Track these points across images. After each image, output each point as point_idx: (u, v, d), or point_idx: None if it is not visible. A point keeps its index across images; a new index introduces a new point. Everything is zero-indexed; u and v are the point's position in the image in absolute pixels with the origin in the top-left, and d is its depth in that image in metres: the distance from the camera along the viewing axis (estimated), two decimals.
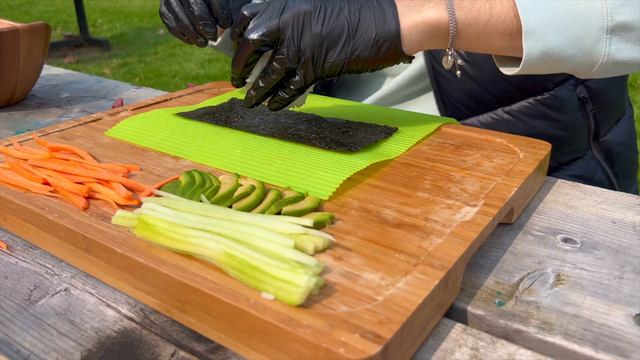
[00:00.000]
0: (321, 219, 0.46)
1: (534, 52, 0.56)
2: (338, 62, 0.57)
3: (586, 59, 0.56)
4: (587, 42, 0.55)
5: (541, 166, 0.59)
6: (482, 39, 0.59)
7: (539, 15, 0.55)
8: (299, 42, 0.56)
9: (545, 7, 0.55)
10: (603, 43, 0.55)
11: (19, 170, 0.55)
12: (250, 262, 0.38)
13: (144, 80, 3.64)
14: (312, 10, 0.56)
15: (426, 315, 0.38)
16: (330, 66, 0.57)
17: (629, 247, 0.49)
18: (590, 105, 0.79)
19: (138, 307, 0.43)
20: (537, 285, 0.44)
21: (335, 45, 0.56)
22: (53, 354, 0.38)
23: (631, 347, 0.38)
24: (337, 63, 0.57)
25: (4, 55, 0.83)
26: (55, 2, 6.66)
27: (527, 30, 0.55)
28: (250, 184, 0.51)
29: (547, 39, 0.55)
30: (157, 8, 6.42)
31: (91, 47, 4.58)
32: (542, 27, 0.55)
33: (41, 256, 0.50)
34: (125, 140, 0.65)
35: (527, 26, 0.55)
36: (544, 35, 0.55)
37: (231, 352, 0.38)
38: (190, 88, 0.89)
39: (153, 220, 0.43)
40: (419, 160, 0.59)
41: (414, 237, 0.44)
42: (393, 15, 0.57)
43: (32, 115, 0.87)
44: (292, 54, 0.56)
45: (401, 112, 0.74)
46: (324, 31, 0.56)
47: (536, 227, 0.53)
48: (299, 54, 0.56)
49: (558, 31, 0.55)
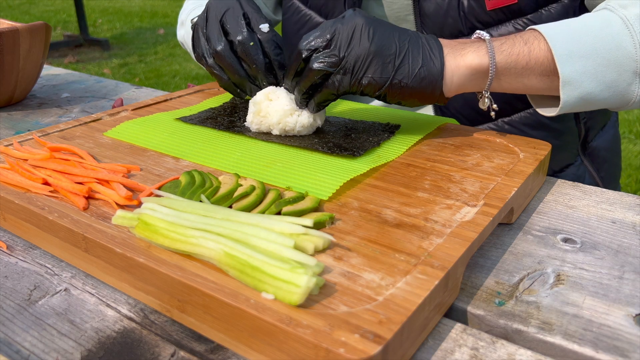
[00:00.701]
0: (321, 219, 0.46)
1: (571, 99, 0.58)
2: (378, 80, 0.58)
3: (620, 100, 0.59)
4: (621, 85, 0.58)
5: (541, 166, 0.59)
6: (520, 81, 0.60)
7: (576, 64, 0.57)
8: (345, 49, 0.57)
9: (582, 56, 0.57)
10: (636, 85, 0.59)
11: (19, 170, 0.55)
12: (250, 262, 0.38)
13: (144, 80, 3.64)
14: (364, 25, 0.58)
15: (426, 315, 0.38)
16: (369, 82, 0.58)
17: (629, 247, 0.49)
18: (583, 113, 0.81)
19: (138, 307, 0.43)
20: (537, 285, 0.44)
21: (380, 63, 0.57)
22: (53, 354, 0.38)
23: (631, 347, 0.38)
24: (377, 82, 0.58)
25: (4, 55, 0.83)
26: (55, 2, 6.66)
27: (564, 80, 0.57)
28: (250, 184, 0.51)
29: (584, 86, 0.58)
30: (157, 8, 6.40)
31: (91, 47, 4.58)
32: (579, 76, 0.57)
33: (41, 256, 0.50)
34: (125, 140, 0.65)
35: (564, 75, 0.57)
36: (580, 83, 0.57)
37: (231, 352, 0.38)
38: (190, 88, 0.89)
39: (153, 220, 0.43)
40: (419, 160, 0.59)
41: (414, 237, 0.44)
42: (439, 55, 0.59)
43: (32, 115, 0.87)
44: (335, 58, 0.57)
45: (401, 112, 0.74)
46: (372, 47, 0.57)
47: (536, 227, 0.53)
48: (342, 59, 0.57)
49: (594, 78, 0.57)
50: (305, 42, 0.59)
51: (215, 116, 0.72)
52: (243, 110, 0.74)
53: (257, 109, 0.65)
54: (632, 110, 2.80)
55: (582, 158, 0.85)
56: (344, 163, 0.57)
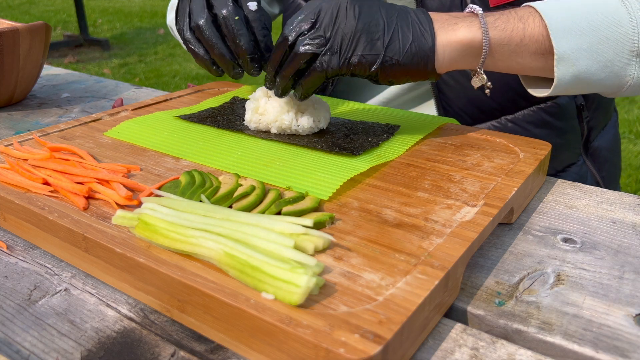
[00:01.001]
0: (321, 219, 0.46)
1: (565, 77, 0.56)
2: (368, 58, 0.56)
3: (615, 81, 0.58)
4: (617, 65, 0.56)
5: (541, 166, 0.59)
6: (513, 59, 0.59)
7: (571, 41, 0.55)
8: (332, 28, 0.55)
9: (578, 33, 0.55)
10: (632, 66, 0.57)
11: (19, 170, 0.55)
12: (250, 262, 0.38)
13: (144, 80, 3.64)
14: (349, 3, 0.56)
15: (426, 315, 0.38)
16: (358, 60, 0.56)
17: (629, 247, 0.49)
18: (586, 112, 0.80)
19: (138, 307, 0.43)
20: (537, 285, 0.44)
21: (368, 40, 0.55)
22: (53, 354, 0.38)
23: (631, 347, 0.38)
24: (367, 59, 0.56)
25: (4, 55, 0.83)
26: (55, 2, 6.66)
27: (559, 56, 0.55)
28: (250, 184, 0.51)
29: (579, 64, 0.56)
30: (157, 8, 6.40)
31: (91, 47, 4.58)
32: (574, 52, 0.55)
33: (41, 256, 0.50)
34: (125, 140, 0.65)
35: (559, 52, 0.55)
36: (575, 60, 0.56)
37: (231, 352, 0.38)
38: (190, 88, 0.89)
39: (153, 220, 0.43)
40: (419, 160, 0.59)
41: (414, 237, 0.44)
42: (430, 30, 0.57)
43: (32, 115, 0.87)
44: (320, 38, 0.55)
45: (402, 112, 0.74)
46: (359, 24, 0.55)
47: (536, 227, 0.53)
48: (328, 40, 0.55)
49: (590, 56, 0.56)
50: (290, 26, 0.57)
51: (215, 115, 0.72)
52: (243, 109, 0.74)
53: (255, 106, 0.65)
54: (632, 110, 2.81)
55: (585, 158, 0.84)
56: (343, 162, 0.57)
